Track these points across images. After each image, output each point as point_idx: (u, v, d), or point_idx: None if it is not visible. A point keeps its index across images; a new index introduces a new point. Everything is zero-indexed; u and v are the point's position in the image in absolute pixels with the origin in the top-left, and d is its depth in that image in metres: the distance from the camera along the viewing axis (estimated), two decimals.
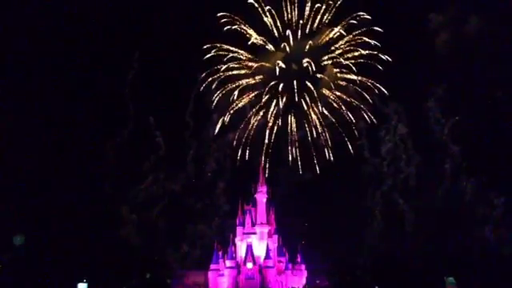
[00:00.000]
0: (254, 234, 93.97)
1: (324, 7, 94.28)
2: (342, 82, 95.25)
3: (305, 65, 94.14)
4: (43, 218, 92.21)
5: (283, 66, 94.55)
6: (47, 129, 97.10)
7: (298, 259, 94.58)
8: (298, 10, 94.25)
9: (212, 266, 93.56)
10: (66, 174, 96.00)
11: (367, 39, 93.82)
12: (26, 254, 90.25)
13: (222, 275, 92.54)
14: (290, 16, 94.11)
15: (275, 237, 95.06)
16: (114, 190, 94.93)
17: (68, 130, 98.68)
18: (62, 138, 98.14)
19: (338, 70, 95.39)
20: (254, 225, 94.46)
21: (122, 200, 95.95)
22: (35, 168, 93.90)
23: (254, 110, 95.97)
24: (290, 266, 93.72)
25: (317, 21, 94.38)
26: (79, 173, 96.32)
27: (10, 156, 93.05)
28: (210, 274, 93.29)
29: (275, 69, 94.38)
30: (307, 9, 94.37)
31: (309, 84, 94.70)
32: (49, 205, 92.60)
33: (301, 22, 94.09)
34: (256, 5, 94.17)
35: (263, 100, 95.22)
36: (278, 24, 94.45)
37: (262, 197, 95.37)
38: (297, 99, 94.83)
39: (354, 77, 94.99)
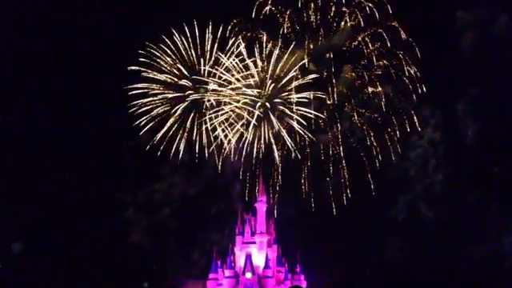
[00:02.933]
0: (254, 243, 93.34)
1: (348, 12, 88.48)
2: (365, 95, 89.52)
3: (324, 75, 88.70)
4: (43, 223, 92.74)
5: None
6: (51, 128, 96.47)
7: (298, 269, 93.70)
8: (320, 15, 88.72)
9: (210, 276, 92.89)
10: (70, 178, 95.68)
11: (394, 49, 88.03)
12: (24, 262, 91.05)
13: (221, 285, 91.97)
14: (311, 20, 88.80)
15: (275, 246, 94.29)
16: (124, 192, 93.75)
17: (76, 130, 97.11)
18: (70, 139, 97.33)
19: (361, 81, 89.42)
20: (253, 234, 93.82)
21: (131, 203, 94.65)
22: (37, 170, 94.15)
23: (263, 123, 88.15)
24: (289, 276, 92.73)
25: (341, 27, 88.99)
26: (84, 175, 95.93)
27: (10, 157, 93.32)
28: (209, 284, 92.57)
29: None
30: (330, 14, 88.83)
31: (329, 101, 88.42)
32: (50, 209, 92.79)
33: (321, 31, 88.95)
34: (275, 11, 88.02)
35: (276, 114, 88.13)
36: (297, 30, 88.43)
37: (261, 206, 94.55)
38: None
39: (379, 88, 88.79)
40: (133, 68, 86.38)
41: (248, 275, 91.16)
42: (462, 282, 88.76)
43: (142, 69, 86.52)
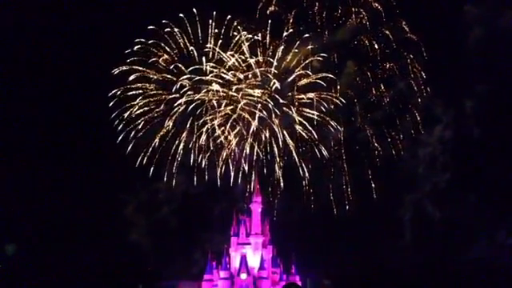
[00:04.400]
0: (249, 244, 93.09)
1: (355, 11, 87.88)
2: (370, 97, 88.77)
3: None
4: (37, 224, 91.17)
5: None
6: (47, 126, 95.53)
7: (293, 270, 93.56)
8: (325, 15, 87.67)
9: (205, 277, 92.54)
10: (68, 178, 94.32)
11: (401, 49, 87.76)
12: (17, 265, 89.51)
13: (216, 286, 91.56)
14: (315, 21, 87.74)
15: (270, 247, 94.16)
16: (123, 192, 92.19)
17: (73, 130, 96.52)
18: (66, 138, 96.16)
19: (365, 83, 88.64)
20: (248, 235, 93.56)
21: (130, 202, 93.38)
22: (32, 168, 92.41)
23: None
24: (284, 276, 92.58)
25: (348, 24, 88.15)
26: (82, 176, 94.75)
27: (7, 157, 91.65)
28: (204, 285, 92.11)
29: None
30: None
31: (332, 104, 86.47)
32: (45, 209, 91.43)
33: (326, 31, 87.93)
34: (279, 10, 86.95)
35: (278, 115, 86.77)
36: (302, 29, 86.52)
37: (256, 207, 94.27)
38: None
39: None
40: (131, 67, 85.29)
41: (243, 276, 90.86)
42: (457, 283, 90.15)
43: (140, 68, 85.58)
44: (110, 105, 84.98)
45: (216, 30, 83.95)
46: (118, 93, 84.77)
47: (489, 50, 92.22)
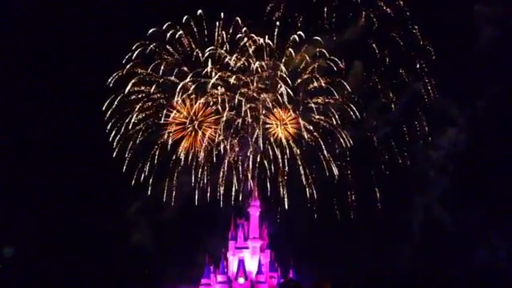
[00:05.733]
0: (247, 248, 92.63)
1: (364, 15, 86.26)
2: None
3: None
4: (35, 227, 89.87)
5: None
6: (45, 127, 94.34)
7: (291, 275, 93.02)
8: (334, 18, 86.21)
9: (203, 281, 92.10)
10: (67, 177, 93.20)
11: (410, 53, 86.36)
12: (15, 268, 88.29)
13: None
14: (324, 24, 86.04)
15: (267, 251, 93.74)
16: (122, 191, 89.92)
17: (71, 129, 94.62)
18: (66, 137, 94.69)
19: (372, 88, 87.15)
20: (246, 239, 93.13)
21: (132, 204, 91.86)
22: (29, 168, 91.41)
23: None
24: (282, 281, 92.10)
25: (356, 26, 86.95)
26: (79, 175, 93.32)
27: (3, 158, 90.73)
28: None
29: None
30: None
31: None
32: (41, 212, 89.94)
33: (334, 36, 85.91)
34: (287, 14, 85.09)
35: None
36: (310, 34, 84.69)
37: (255, 211, 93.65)
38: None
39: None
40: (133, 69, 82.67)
41: (241, 280, 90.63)
42: None
43: (143, 71, 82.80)
44: (112, 104, 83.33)
45: (223, 33, 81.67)
46: (119, 97, 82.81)
47: (500, 52, 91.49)
